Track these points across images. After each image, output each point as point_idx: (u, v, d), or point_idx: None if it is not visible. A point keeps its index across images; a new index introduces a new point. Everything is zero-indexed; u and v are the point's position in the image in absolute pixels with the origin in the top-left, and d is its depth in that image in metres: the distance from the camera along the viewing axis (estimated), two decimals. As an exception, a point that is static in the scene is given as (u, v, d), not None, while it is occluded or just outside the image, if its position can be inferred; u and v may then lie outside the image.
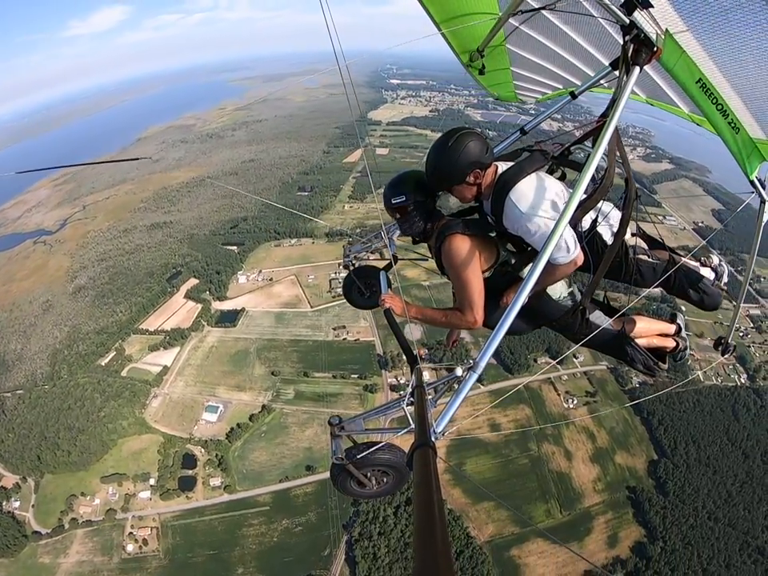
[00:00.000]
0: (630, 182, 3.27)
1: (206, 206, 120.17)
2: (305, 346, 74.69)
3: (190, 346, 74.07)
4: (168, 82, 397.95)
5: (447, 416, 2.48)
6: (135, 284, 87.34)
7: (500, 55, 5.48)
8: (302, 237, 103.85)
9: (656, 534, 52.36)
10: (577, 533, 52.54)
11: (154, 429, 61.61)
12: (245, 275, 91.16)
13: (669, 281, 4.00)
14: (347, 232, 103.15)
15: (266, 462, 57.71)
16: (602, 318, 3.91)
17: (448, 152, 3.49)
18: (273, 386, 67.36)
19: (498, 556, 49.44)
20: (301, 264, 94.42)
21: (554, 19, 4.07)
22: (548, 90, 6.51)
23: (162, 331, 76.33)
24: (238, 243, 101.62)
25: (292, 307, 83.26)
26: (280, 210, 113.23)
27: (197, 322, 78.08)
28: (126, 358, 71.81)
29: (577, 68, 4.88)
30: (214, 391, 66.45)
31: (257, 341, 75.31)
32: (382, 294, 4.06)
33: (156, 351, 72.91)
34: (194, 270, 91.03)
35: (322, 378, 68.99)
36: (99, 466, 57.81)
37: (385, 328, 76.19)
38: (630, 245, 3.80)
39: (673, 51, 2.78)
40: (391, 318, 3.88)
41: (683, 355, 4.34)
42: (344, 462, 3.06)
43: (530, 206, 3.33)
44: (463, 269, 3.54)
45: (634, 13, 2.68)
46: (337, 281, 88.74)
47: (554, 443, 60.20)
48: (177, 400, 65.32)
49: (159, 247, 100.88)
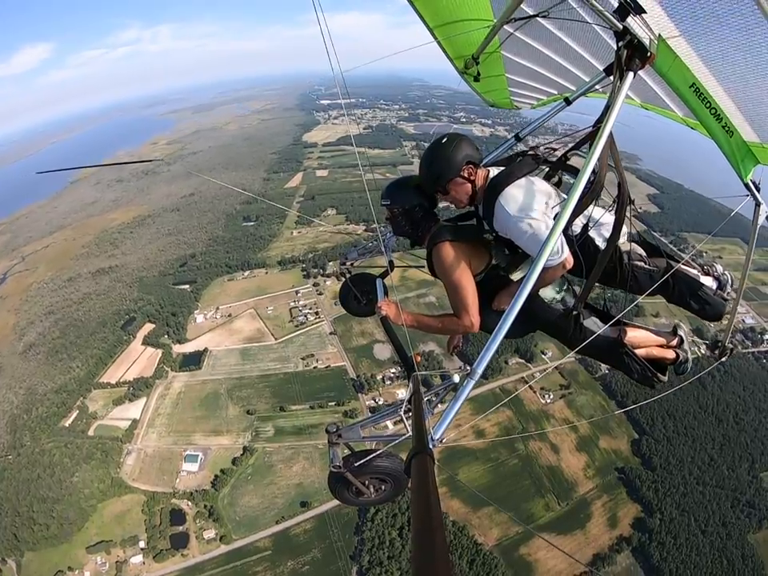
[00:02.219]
0: (623, 187, 3.26)
1: (151, 246, 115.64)
2: (276, 379, 72.47)
3: (156, 394, 70.14)
4: (96, 120, 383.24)
5: (445, 423, 2.48)
6: (89, 335, 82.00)
7: (495, 62, 5.53)
8: (255, 268, 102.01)
9: (652, 507, 54.36)
10: (578, 520, 53.73)
11: (133, 488, 57.35)
12: (202, 314, 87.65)
13: (668, 289, 3.93)
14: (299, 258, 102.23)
15: (259, 505, 54.92)
16: (598, 324, 3.81)
17: (442, 147, 3.59)
18: (250, 426, 64.60)
19: (508, 558, 49.53)
20: (258, 296, 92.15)
21: (549, 25, 4.11)
22: (543, 96, 6.56)
23: (124, 383, 72.00)
24: (189, 281, 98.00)
25: (256, 342, 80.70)
26: (229, 243, 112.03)
27: (160, 369, 74.17)
28: (91, 415, 66.92)
29: (571, 74, 4.94)
30: (190, 439, 62.87)
31: (225, 381, 72.22)
32: (379, 302, 4.06)
33: (121, 405, 68.48)
34: (148, 315, 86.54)
35: (300, 410, 67.08)
36: (82, 536, 53.05)
37: (353, 351, 76.39)
38: (625, 250, 3.77)
39: (666, 56, 2.81)
40: (388, 326, 3.85)
41: (685, 368, 4.17)
42: (342, 470, 3.02)
43: (519, 209, 3.39)
44: (454, 274, 3.59)
45: (627, 18, 2.67)
46: (297, 309, 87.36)
47: (539, 440, 61.21)
48: (153, 454, 61.30)
49: (108, 294, 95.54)
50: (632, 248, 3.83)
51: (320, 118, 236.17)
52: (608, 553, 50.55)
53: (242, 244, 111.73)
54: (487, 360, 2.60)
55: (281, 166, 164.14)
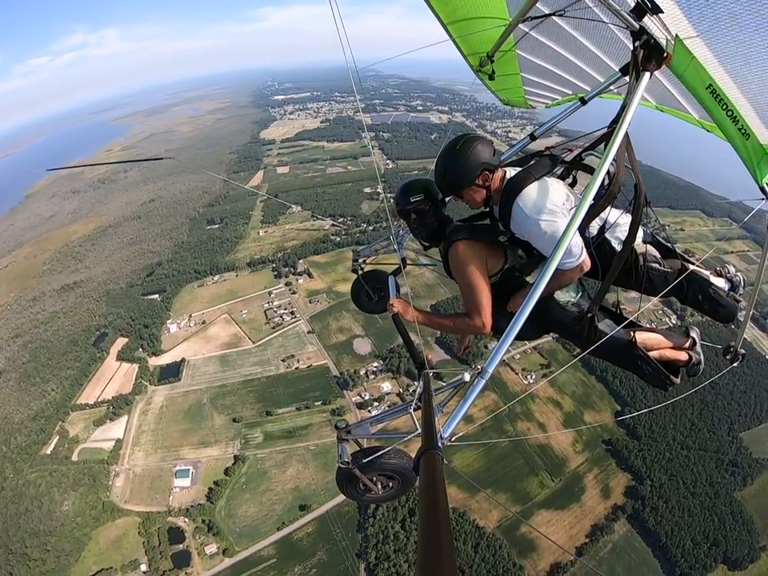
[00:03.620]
0: (640, 188, 3.20)
1: (115, 257, 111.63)
2: (258, 384, 70.98)
3: (137, 411, 67.75)
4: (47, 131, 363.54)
5: (454, 421, 2.48)
6: (60, 356, 78.42)
7: (510, 60, 5.51)
8: (224, 271, 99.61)
9: (641, 475, 56.13)
10: (573, 494, 55.05)
11: (126, 510, 55.22)
12: (175, 323, 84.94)
13: (682, 290, 3.91)
14: (269, 258, 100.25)
15: (257, 514, 53.82)
16: (612, 326, 3.76)
17: (457, 155, 3.54)
18: (238, 434, 63.13)
19: (510, 537, 50.21)
20: (230, 300, 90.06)
21: (564, 25, 4.01)
22: (558, 96, 6.55)
23: (102, 402, 69.19)
24: (158, 291, 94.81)
25: (234, 347, 78.81)
26: (195, 248, 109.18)
27: (138, 384, 71.59)
28: (72, 440, 63.94)
29: (587, 74, 4.91)
30: (178, 454, 60.97)
31: (207, 390, 70.35)
32: (390, 299, 4.05)
33: (103, 425, 65.75)
34: (119, 329, 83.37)
35: (286, 413, 65.95)
36: (81, 566, 50.75)
37: (334, 348, 75.82)
38: (640, 252, 3.75)
39: (683, 57, 2.77)
40: (399, 323, 3.82)
41: (698, 369, 4.13)
42: (350, 466, 3.05)
43: (537, 211, 3.35)
44: (469, 274, 3.58)
45: (644, 18, 2.67)
46: (272, 310, 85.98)
47: (526, 420, 62.11)
48: (142, 473, 59.25)
49: (76, 311, 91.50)
50: (647, 250, 3.80)
51: (276, 114, 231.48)
52: (605, 522, 51.99)
53: (209, 248, 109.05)
54: (498, 359, 2.58)
55: (240, 166, 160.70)
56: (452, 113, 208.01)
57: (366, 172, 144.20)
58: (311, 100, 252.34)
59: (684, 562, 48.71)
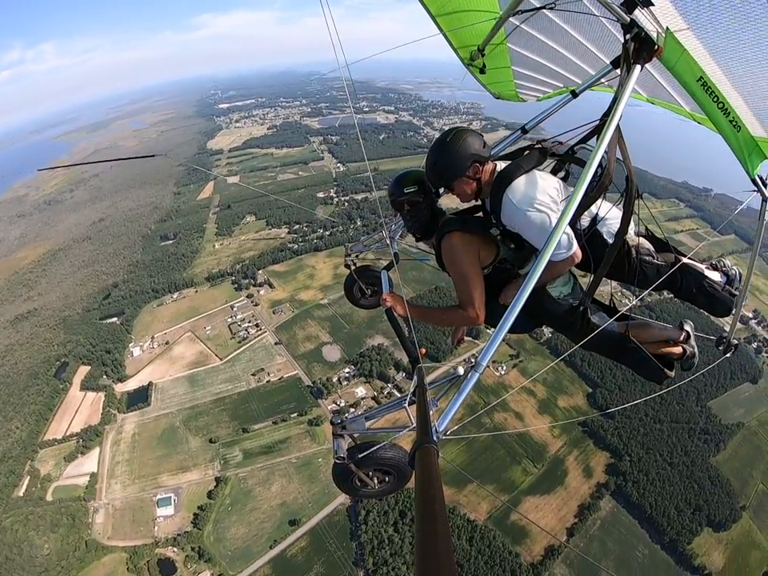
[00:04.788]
0: (632, 180, 3.20)
1: (68, 282, 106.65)
2: (231, 401, 68.82)
3: (109, 442, 64.41)
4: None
5: (449, 415, 2.47)
6: (21, 391, 73.70)
7: (501, 54, 5.46)
8: (183, 288, 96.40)
9: (619, 452, 57.83)
10: (557, 478, 56.22)
11: (111, 547, 52.16)
12: (138, 346, 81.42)
13: (675, 283, 3.89)
14: (227, 271, 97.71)
15: (247, 535, 52.10)
16: (605, 319, 3.73)
17: (447, 146, 3.53)
18: (217, 455, 60.96)
19: (502, 526, 50.85)
20: (192, 318, 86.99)
21: (555, 18, 4.01)
22: (549, 89, 6.52)
23: (71, 436, 65.42)
24: (117, 314, 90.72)
25: (201, 366, 76.07)
26: (151, 266, 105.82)
27: (106, 414, 68.17)
28: (45, 478, 59.86)
29: (578, 67, 4.84)
30: (157, 482, 58.30)
31: (179, 413, 67.70)
32: (384, 294, 4.05)
33: (74, 460, 61.97)
34: (80, 357, 79.25)
35: (263, 428, 64.20)
36: (72, 612, 48.44)
37: (303, 357, 74.66)
38: (633, 244, 3.72)
39: (674, 49, 2.77)
40: (393, 318, 3.84)
41: (692, 363, 4.14)
42: (346, 461, 3.02)
43: (526, 202, 3.36)
44: (462, 265, 3.60)
45: (635, 11, 2.67)
46: (236, 324, 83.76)
47: (503, 410, 62.85)
48: (122, 506, 56.29)
49: (32, 341, 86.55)
50: (640, 242, 3.80)
51: (221, 123, 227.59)
52: (591, 501, 53.43)
53: (165, 265, 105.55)
54: (492, 353, 2.58)
55: (189, 178, 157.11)
56: (398, 112, 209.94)
57: (317, 177, 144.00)
58: (256, 107, 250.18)
59: (671, 529, 50.75)
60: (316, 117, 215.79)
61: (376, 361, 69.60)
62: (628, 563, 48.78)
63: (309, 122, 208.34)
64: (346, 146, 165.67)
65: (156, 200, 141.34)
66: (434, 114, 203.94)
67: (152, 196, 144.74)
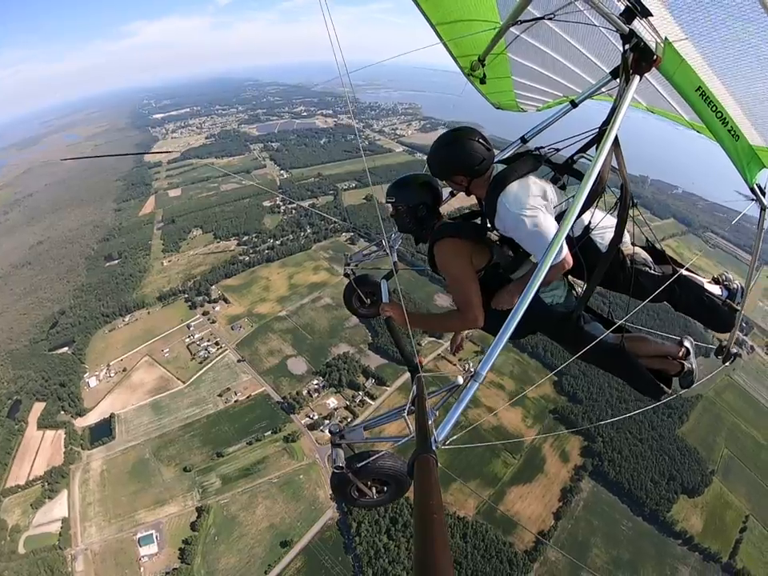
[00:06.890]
0: (627, 189, 3.17)
1: (11, 312, 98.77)
2: (200, 426, 65.71)
3: (76, 482, 59.71)
4: None
5: (448, 425, 2.42)
6: (-27, 437, 67.42)
7: (501, 64, 5.46)
8: (134, 310, 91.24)
9: (591, 434, 59.57)
10: (536, 466, 57.40)
11: (96, 595, 48.94)
12: (93, 376, 76.49)
13: (674, 295, 3.83)
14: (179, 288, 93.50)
15: (240, 563, 49.52)
16: (600, 330, 3.68)
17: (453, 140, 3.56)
18: (194, 483, 57.83)
19: (492, 519, 51.23)
20: (148, 341, 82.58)
21: (555, 28, 4.02)
22: (549, 99, 6.53)
23: (35, 480, 60.15)
24: (67, 343, 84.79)
25: (164, 391, 72.17)
26: (98, 289, 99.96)
27: (69, 452, 63.38)
28: (14, 530, 54.50)
29: (578, 76, 4.85)
30: (135, 520, 54.47)
31: (147, 443, 63.86)
32: (382, 303, 4.13)
33: (42, 506, 56.86)
34: (33, 393, 73.69)
35: (238, 450, 61.55)
36: None
37: (269, 373, 72.59)
38: (628, 253, 3.71)
39: (672, 59, 2.78)
40: (392, 327, 3.86)
41: (691, 380, 4.09)
42: (344, 470, 2.99)
43: (519, 207, 3.35)
44: (456, 269, 3.62)
45: (634, 22, 2.69)
46: (195, 344, 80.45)
47: (474, 406, 61.92)
48: (101, 550, 52.04)
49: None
50: (636, 252, 3.79)
51: (157, 134, 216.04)
52: (571, 484, 55.18)
53: (112, 287, 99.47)
54: (491, 361, 2.51)
55: (129, 193, 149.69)
56: (337, 115, 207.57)
57: (261, 185, 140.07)
58: (192, 116, 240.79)
59: (649, 500, 53.22)
60: (254, 123, 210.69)
61: (344, 369, 68.93)
62: (615, 537, 50.64)
63: (247, 128, 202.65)
64: (287, 152, 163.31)
65: (96, 218, 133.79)
66: (372, 116, 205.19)
67: (91, 214, 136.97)
